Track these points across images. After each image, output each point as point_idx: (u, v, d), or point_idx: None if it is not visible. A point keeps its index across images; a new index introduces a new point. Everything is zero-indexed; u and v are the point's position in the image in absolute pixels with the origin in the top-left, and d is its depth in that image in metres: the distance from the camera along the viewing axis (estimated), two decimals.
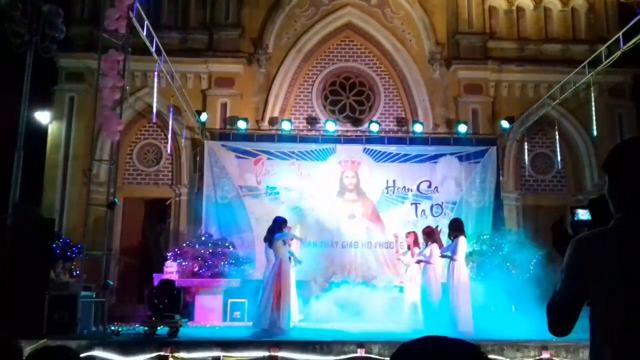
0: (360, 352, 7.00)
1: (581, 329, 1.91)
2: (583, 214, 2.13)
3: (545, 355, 7.00)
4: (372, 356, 6.98)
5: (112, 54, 8.41)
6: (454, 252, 8.47)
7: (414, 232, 9.58)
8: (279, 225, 8.79)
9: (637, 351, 1.68)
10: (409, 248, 9.34)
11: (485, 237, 11.40)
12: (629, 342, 1.69)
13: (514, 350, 6.99)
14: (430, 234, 8.98)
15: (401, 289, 10.13)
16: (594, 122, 10.59)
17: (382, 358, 6.92)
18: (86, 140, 11.71)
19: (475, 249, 11.03)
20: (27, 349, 2.23)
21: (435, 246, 8.79)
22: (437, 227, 9.31)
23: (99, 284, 7.93)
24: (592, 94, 10.60)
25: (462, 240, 8.56)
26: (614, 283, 1.73)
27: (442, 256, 8.71)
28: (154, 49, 9.28)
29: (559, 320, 1.91)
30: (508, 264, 10.42)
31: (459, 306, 8.18)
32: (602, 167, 1.94)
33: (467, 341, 1.09)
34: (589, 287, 1.81)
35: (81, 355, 2.07)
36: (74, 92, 12.95)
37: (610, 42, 9.63)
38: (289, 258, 8.97)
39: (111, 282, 8.14)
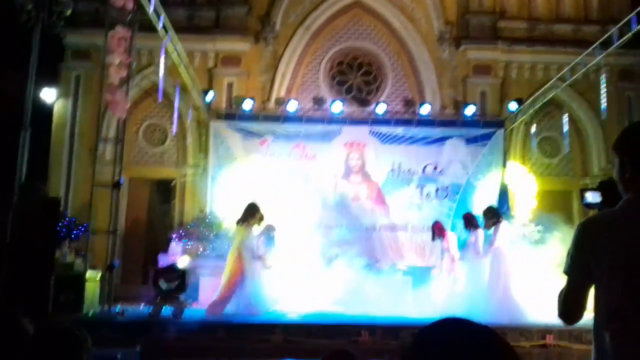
0: (364, 336, 7.02)
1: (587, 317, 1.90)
2: (593, 196, 2.11)
3: (549, 340, 7.01)
4: (376, 340, 7.00)
5: (118, 30, 8.34)
6: (495, 239, 8.34)
7: (438, 222, 9.59)
8: (250, 211, 8.73)
9: (634, 333, 1.68)
10: (437, 237, 9.34)
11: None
12: (625, 323, 1.69)
13: (517, 334, 7.00)
14: (471, 220, 8.91)
15: (404, 273, 10.15)
16: (604, 105, 10.46)
17: (386, 342, 6.95)
18: (92, 119, 11.66)
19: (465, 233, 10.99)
20: (33, 328, 2.23)
21: (480, 232, 8.69)
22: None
23: (104, 264, 7.97)
24: (602, 76, 10.46)
25: (503, 225, 8.42)
26: (614, 264, 1.74)
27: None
28: (160, 26, 9.17)
29: (569, 306, 1.91)
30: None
31: (507, 294, 8.08)
32: (612, 148, 1.94)
33: (489, 326, 1.06)
34: (593, 269, 1.81)
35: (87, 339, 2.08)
36: (80, 69, 12.89)
37: (622, 23, 9.44)
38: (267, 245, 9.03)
39: (117, 263, 8.18)
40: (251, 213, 8.80)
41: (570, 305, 1.90)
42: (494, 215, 8.63)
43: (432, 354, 1.02)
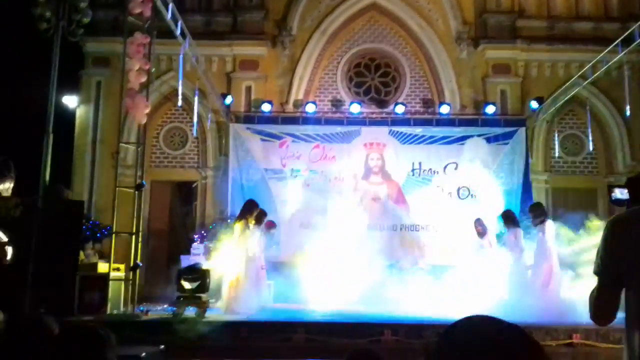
0: (387, 335, 6.99)
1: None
2: (621, 193, 2.07)
3: (575, 338, 6.91)
4: (399, 339, 6.97)
5: (137, 37, 8.46)
6: (546, 238, 8.20)
7: (479, 219, 9.66)
8: (248, 208, 8.74)
9: None
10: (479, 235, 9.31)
11: None
12: None
13: (543, 333, 6.90)
14: (512, 217, 8.83)
15: (426, 272, 10.10)
16: (627, 102, 10.30)
17: (410, 340, 6.90)
18: (113, 124, 11.79)
19: (503, 231, 10.88)
20: (58, 327, 2.26)
21: (520, 230, 8.63)
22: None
23: (128, 265, 8.05)
24: (625, 73, 10.31)
25: (549, 223, 8.30)
26: None
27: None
28: (178, 32, 9.28)
29: (600, 307, 1.86)
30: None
31: (557, 294, 7.99)
32: None
33: (516, 324, 1.05)
34: (623, 267, 1.77)
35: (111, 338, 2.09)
36: (100, 76, 13.10)
37: None
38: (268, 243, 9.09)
39: (140, 263, 8.26)
40: (249, 210, 8.77)
41: (601, 306, 1.86)
42: (543, 213, 8.44)
43: (458, 352, 1.00)
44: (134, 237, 8.34)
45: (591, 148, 12.51)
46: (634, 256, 1.73)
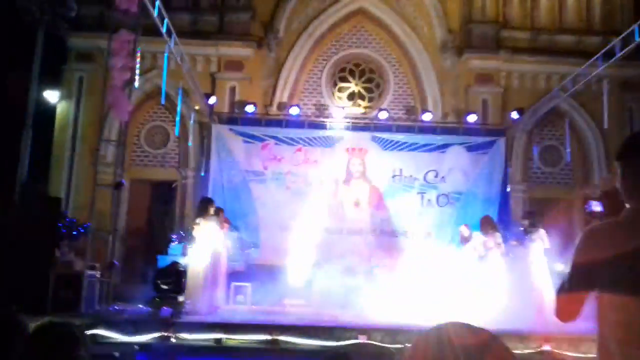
0: (362, 339, 7.02)
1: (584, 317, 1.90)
2: (596, 205, 2.13)
3: (547, 347, 7.00)
4: (374, 343, 7.00)
5: (122, 33, 8.40)
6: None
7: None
8: (203, 205, 8.70)
9: (638, 342, 1.67)
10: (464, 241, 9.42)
11: None
12: (632, 335, 1.68)
13: (516, 341, 6.99)
14: (489, 222, 9.07)
15: (404, 278, 10.13)
16: (605, 116, 10.48)
17: (384, 345, 6.94)
18: (94, 121, 11.73)
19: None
20: (31, 325, 2.25)
21: (498, 234, 8.86)
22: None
23: (104, 263, 7.98)
24: (604, 87, 10.49)
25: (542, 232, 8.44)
26: (617, 273, 1.73)
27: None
28: (164, 30, 9.23)
29: (566, 308, 1.92)
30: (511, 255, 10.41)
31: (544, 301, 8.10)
32: (615, 157, 1.94)
33: (487, 330, 1.07)
34: (595, 277, 1.80)
35: (85, 337, 2.08)
36: (83, 72, 12.96)
37: (624, 34, 9.49)
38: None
39: (116, 263, 8.19)
40: (204, 208, 8.70)
41: (567, 308, 1.91)
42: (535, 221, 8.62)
43: (429, 356, 1.02)
44: (111, 235, 8.27)
45: (569, 159, 12.70)
46: (605, 267, 1.76)
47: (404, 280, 9.86)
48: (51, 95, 13.06)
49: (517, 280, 8.48)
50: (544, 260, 8.36)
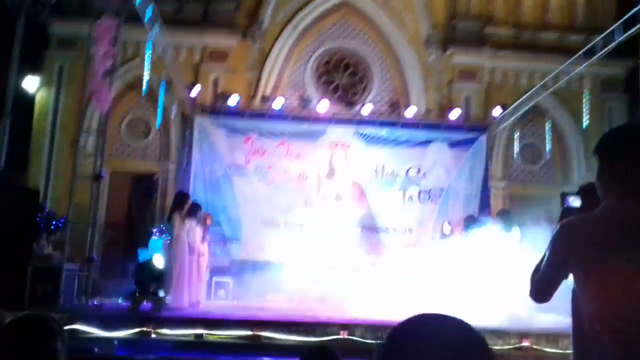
0: (343, 334, 7.03)
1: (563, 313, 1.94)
2: (574, 200, 2.14)
3: (525, 343, 7.09)
4: (355, 338, 7.02)
5: (105, 20, 8.25)
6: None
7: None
8: (178, 200, 8.65)
9: (611, 335, 1.70)
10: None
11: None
12: (603, 325, 1.71)
13: (495, 337, 7.05)
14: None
15: (385, 273, 10.18)
16: (585, 114, 10.58)
17: (365, 340, 6.96)
18: (74, 111, 11.54)
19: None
20: (7, 320, 2.19)
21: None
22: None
23: (83, 257, 7.87)
24: (585, 86, 10.59)
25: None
26: (590, 266, 1.77)
27: None
28: (147, 18, 9.06)
29: (540, 291, 1.98)
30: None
31: None
32: (593, 151, 1.96)
33: (463, 321, 1.06)
34: (569, 271, 1.85)
35: (62, 330, 2.04)
36: (64, 59, 12.67)
37: (605, 33, 9.55)
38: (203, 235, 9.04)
39: (95, 257, 8.08)
40: (179, 202, 8.65)
41: (541, 291, 1.97)
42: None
43: (406, 348, 1.01)
44: (90, 228, 8.15)
45: (549, 157, 12.82)
46: (579, 260, 1.80)
47: (386, 276, 9.92)
48: (31, 83, 12.78)
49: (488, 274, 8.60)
50: (514, 257, 8.45)
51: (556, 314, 6.81)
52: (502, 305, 8.13)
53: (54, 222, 9.79)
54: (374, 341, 6.84)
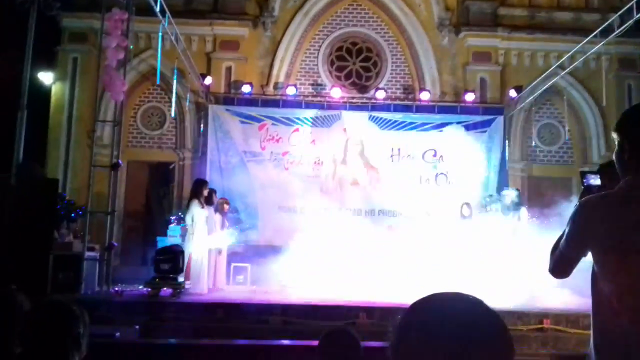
0: (362, 317, 7.06)
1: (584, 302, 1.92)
2: (593, 179, 2.12)
3: (546, 324, 7.05)
4: (374, 321, 7.04)
5: (115, 12, 8.31)
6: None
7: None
8: (198, 186, 8.70)
9: (630, 313, 1.69)
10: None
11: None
12: (621, 303, 1.71)
13: (515, 318, 7.03)
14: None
15: (403, 256, 10.16)
16: (604, 93, 10.43)
17: (384, 323, 6.97)
18: (90, 102, 11.63)
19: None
20: (30, 305, 2.23)
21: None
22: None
23: (103, 245, 7.97)
24: (603, 64, 10.43)
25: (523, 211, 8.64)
26: (610, 244, 1.75)
27: None
28: (158, 9, 9.11)
29: (559, 268, 1.98)
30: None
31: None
32: (613, 130, 1.94)
33: (480, 299, 1.06)
34: (589, 247, 1.84)
35: (84, 315, 2.07)
36: (77, 52, 12.82)
37: (622, 11, 9.40)
38: (222, 221, 9.12)
39: (115, 243, 8.18)
40: (197, 189, 8.69)
41: (560, 268, 1.97)
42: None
43: (422, 328, 1.01)
44: (109, 217, 8.25)
45: (567, 137, 12.67)
46: (599, 238, 1.78)
47: (404, 259, 9.90)
48: (46, 77, 12.95)
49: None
50: (517, 237, 8.45)
51: (573, 292, 6.78)
52: (521, 286, 8.10)
53: (73, 212, 9.92)
54: (391, 323, 6.85)
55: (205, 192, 8.72)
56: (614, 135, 1.91)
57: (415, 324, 1.02)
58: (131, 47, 9.30)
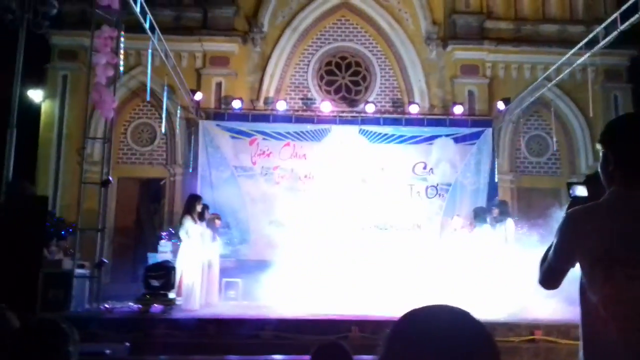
0: (354, 331, 7.04)
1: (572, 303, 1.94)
2: (580, 190, 2.14)
3: (537, 335, 7.06)
4: (366, 335, 7.02)
5: (105, 30, 8.34)
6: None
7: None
8: (191, 201, 8.71)
9: (617, 323, 1.70)
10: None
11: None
12: (609, 314, 1.71)
13: (506, 329, 7.04)
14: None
15: (393, 270, 10.17)
16: (590, 104, 10.56)
17: (376, 337, 6.95)
18: (80, 119, 11.62)
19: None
20: (20, 324, 2.22)
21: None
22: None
23: (93, 262, 7.93)
24: (589, 76, 10.57)
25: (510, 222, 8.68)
26: (596, 255, 1.76)
27: None
28: (147, 26, 9.16)
29: (548, 280, 2.00)
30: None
31: None
32: (598, 141, 1.95)
33: (467, 312, 1.08)
34: (576, 260, 1.85)
35: (74, 333, 2.07)
36: (66, 70, 12.84)
37: (607, 22, 9.54)
38: (213, 236, 9.18)
39: (105, 260, 8.14)
40: (191, 204, 8.70)
41: (549, 279, 1.99)
42: (507, 211, 9.04)
43: (411, 340, 1.02)
44: (99, 234, 8.22)
45: (555, 149, 12.79)
46: (586, 249, 1.79)
47: (395, 273, 9.91)
48: (35, 94, 12.94)
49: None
50: (506, 248, 8.51)
51: (563, 301, 6.81)
52: (512, 297, 8.12)
53: (63, 229, 9.87)
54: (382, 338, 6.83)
55: (199, 208, 8.71)
56: (598, 147, 1.93)
57: (402, 336, 1.03)
58: (121, 64, 9.33)
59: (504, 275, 8.30)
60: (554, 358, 6.77)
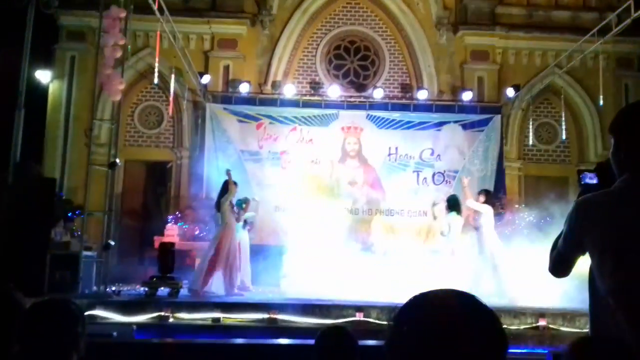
0: (359, 316, 7.07)
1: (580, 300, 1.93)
2: (590, 178, 2.12)
3: (542, 322, 7.08)
4: (370, 320, 7.06)
5: (113, 10, 8.30)
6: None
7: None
8: (226, 186, 8.78)
9: (626, 311, 1.70)
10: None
11: None
12: (619, 302, 1.71)
13: (512, 317, 7.06)
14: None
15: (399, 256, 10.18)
16: (601, 92, 10.45)
17: (380, 322, 7.00)
18: (87, 101, 11.60)
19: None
20: (29, 304, 2.22)
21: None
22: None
23: (100, 244, 7.97)
24: (600, 63, 10.45)
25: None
26: (606, 243, 1.76)
27: None
28: (156, 7, 9.09)
29: (558, 267, 2.00)
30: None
31: None
32: (608, 129, 1.95)
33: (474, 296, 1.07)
34: (586, 246, 1.85)
35: (82, 314, 2.07)
36: (74, 51, 12.81)
37: (620, 9, 9.42)
38: (245, 222, 9.23)
39: (112, 243, 8.17)
40: (227, 189, 8.79)
41: (559, 267, 1.99)
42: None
43: (417, 324, 1.02)
44: (106, 216, 8.24)
45: (564, 137, 12.69)
46: (596, 237, 1.79)
47: (401, 258, 9.92)
48: (43, 75, 12.91)
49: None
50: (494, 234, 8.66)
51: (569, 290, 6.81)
52: (518, 284, 8.13)
53: (70, 211, 9.90)
54: (388, 322, 6.86)
55: (235, 191, 8.85)
56: (610, 134, 1.92)
57: (408, 320, 1.04)
58: (129, 45, 9.29)
59: (512, 262, 8.35)
60: (558, 346, 6.78)
